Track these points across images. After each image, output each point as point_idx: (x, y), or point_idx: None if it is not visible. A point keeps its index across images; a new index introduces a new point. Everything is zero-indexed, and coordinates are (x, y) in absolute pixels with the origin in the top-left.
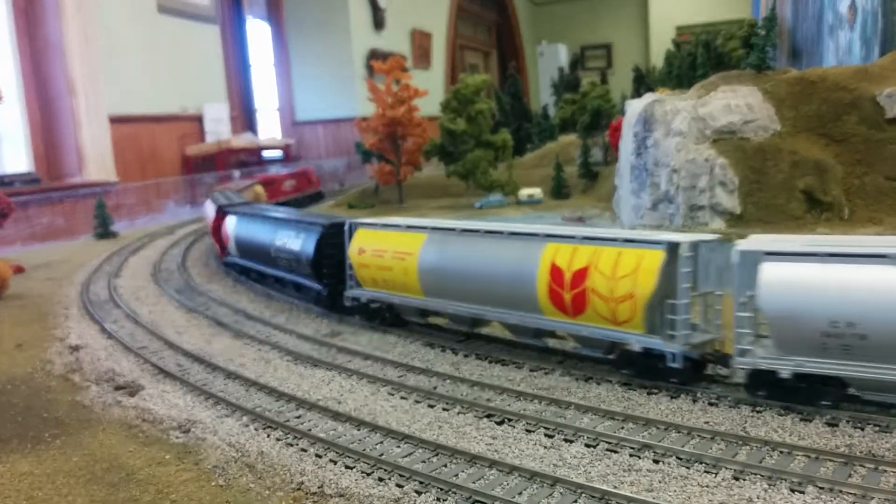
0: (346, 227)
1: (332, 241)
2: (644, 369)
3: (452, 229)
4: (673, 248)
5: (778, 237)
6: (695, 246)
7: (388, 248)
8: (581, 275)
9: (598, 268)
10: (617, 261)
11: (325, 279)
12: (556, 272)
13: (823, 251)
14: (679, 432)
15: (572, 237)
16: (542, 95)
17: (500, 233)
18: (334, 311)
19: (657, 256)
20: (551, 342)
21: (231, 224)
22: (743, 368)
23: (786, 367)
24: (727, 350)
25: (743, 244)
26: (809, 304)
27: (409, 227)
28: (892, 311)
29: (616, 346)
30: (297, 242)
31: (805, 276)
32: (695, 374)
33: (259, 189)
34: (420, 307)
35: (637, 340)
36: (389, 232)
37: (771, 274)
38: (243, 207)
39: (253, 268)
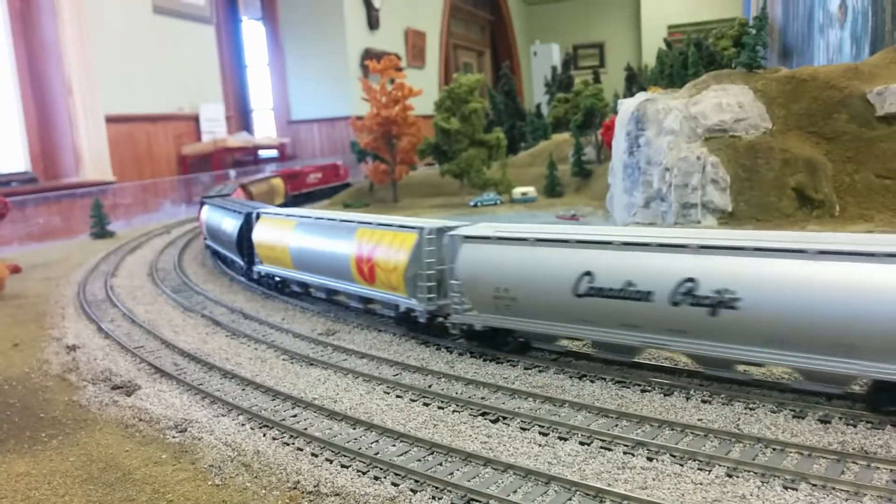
0: (253, 215)
1: (249, 226)
2: (410, 324)
3: (308, 217)
4: (422, 232)
5: (500, 226)
6: (438, 231)
7: (275, 232)
8: (372, 252)
9: (382, 246)
10: (392, 241)
11: (245, 256)
12: (360, 250)
13: (498, 236)
14: (672, 430)
15: (370, 223)
16: (535, 94)
17: (333, 219)
18: (251, 283)
19: (412, 238)
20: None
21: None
22: (454, 323)
23: (478, 322)
24: None
25: (457, 231)
26: (484, 274)
27: (288, 216)
28: (530, 279)
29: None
30: (230, 226)
31: (482, 254)
32: (439, 328)
33: (276, 182)
34: (294, 279)
35: (402, 302)
36: (278, 219)
37: (464, 252)
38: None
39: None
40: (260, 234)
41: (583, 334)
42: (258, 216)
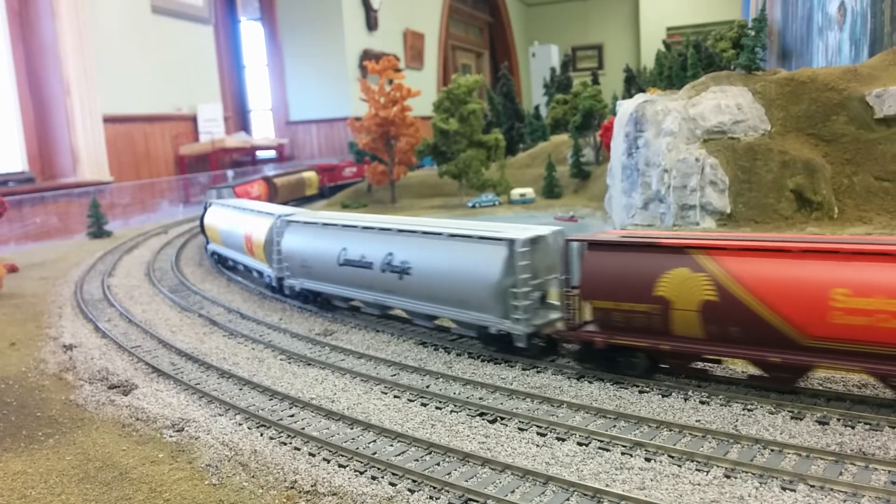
0: (204, 206)
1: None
2: (272, 289)
3: (228, 205)
4: (275, 217)
5: (311, 213)
6: (284, 217)
7: (219, 218)
8: (249, 234)
9: (250, 228)
10: (255, 224)
11: (207, 239)
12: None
13: (304, 220)
14: (670, 430)
15: (253, 210)
16: (534, 95)
17: (243, 209)
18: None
19: (268, 222)
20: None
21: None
22: (290, 286)
23: (297, 284)
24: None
25: (284, 216)
26: (295, 249)
27: (221, 205)
28: (316, 253)
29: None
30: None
31: (296, 234)
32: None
33: (308, 175)
34: (224, 255)
35: (263, 270)
36: (220, 208)
37: (287, 233)
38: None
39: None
40: (210, 220)
41: (346, 293)
42: (208, 206)
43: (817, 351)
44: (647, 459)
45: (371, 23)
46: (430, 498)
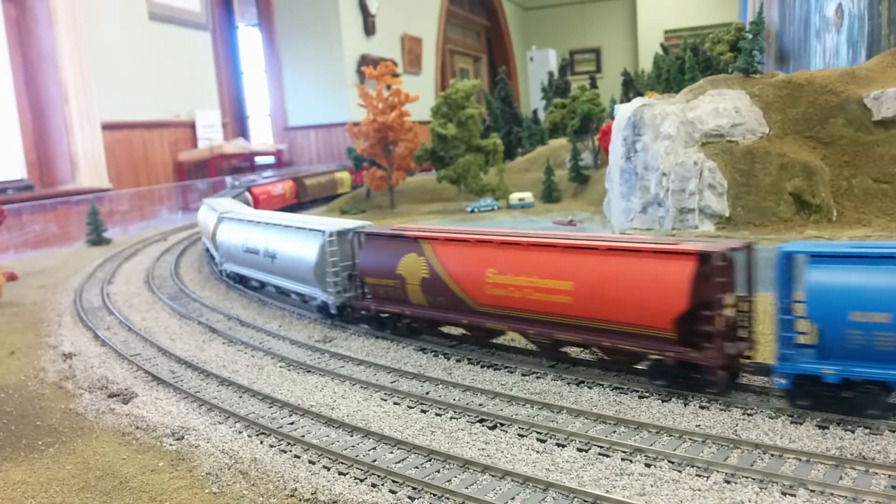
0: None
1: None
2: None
3: (216, 210)
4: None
5: (241, 210)
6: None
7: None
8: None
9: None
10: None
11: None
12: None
13: (232, 217)
14: (670, 436)
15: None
16: (532, 100)
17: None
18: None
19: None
20: None
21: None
22: (225, 271)
23: (230, 269)
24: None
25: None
26: (230, 240)
27: (238, 221)
28: (235, 243)
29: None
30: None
31: (230, 227)
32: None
33: (341, 174)
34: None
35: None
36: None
37: (221, 227)
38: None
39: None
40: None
41: (251, 274)
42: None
43: (484, 315)
44: (647, 465)
45: (369, 28)
46: None
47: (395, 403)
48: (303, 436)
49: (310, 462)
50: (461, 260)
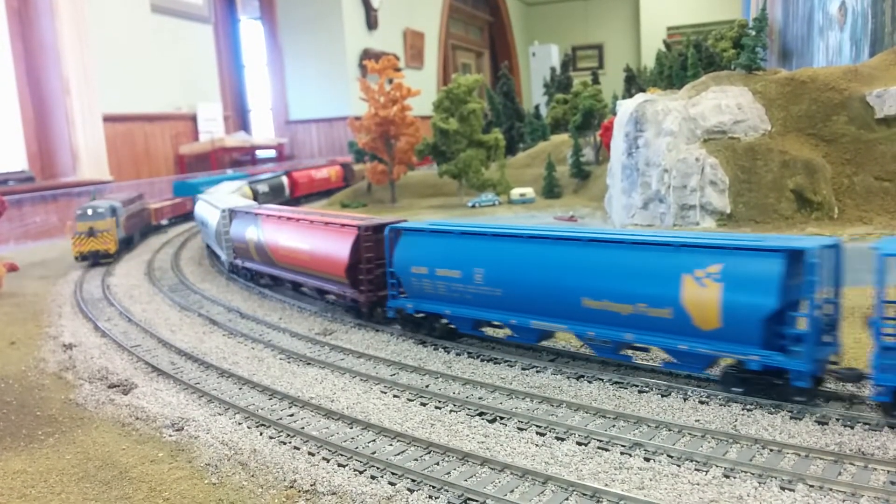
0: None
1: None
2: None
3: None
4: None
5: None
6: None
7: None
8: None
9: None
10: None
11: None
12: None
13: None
14: (670, 430)
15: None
16: (534, 95)
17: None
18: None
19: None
20: None
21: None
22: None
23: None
24: None
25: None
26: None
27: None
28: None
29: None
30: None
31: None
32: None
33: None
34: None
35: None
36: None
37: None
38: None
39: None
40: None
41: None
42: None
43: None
44: (647, 459)
45: (371, 22)
46: (430, 497)
47: (394, 396)
48: (302, 427)
49: (309, 454)
50: (274, 231)
